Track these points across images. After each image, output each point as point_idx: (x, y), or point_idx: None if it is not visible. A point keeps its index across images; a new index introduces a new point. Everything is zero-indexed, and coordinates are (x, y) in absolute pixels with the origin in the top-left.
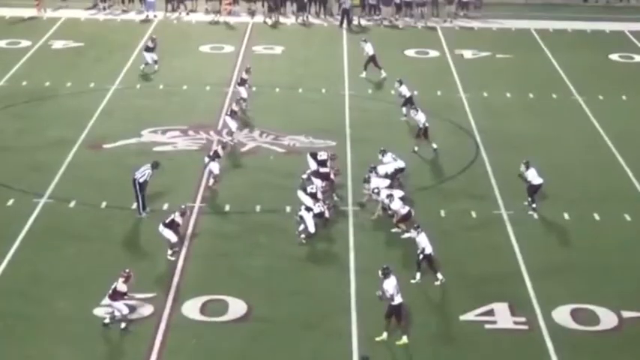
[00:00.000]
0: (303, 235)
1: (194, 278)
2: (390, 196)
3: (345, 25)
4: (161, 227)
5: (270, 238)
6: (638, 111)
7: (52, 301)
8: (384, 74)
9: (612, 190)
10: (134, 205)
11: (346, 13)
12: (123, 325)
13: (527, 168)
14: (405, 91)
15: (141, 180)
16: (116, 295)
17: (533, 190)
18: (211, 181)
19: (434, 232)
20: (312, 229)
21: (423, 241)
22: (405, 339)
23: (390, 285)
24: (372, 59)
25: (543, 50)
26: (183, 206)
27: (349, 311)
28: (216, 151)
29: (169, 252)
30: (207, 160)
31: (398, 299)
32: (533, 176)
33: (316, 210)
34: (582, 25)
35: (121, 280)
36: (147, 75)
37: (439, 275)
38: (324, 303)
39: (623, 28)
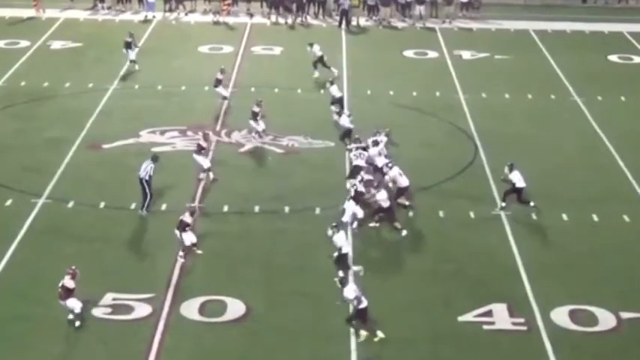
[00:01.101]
0: (354, 225)
1: (193, 279)
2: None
3: (343, 25)
4: (176, 231)
5: (269, 239)
6: (637, 112)
7: (50, 301)
8: (335, 72)
9: (611, 191)
10: (132, 206)
11: (345, 14)
12: (77, 323)
13: (511, 170)
14: (335, 91)
15: (147, 177)
16: (66, 294)
17: (515, 191)
18: (202, 175)
19: (432, 232)
20: (360, 214)
21: (340, 241)
22: (364, 334)
23: (350, 291)
24: (320, 60)
25: (542, 51)
26: (192, 205)
27: (348, 312)
28: (199, 144)
29: (181, 253)
30: (194, 155)
31: (364, 303)
32: (518, 179)
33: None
34: (581, 26)
35: (67, 277)
36: (129, 74)
37: (341, 274)
38: (322, 304)
39: (621, 29)
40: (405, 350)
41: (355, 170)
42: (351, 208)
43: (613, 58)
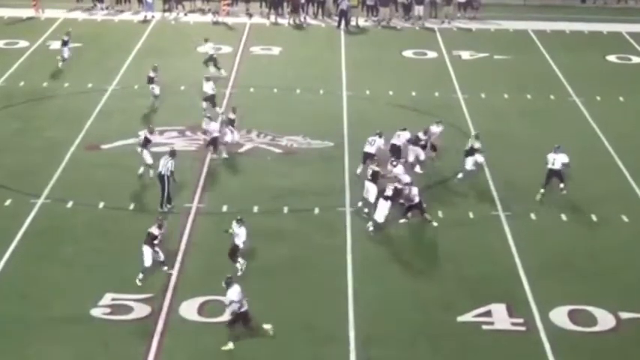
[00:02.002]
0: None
1: (191, 279)
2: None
3: (342, 26)
4: (144, 246)
5: (268, 239)
6: (636, 112)
7: (49, 301)
8: (224, 74)
9: (610, 191)
10: (131, 206)
11: (344, 14)
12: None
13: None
14: (208, 89)
15: (168, 173)
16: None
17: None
18: (141, 169)
19: (432, 232)
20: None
21: (242, 234)
22: (230, 345)
23: (234, 293)
24: (211, 58)
25: (541, 51)
26: (159, 217)
27: (346, 313)
28: (146, 138)
29: (164, 268)
30: (139, 149)
31: (245, 306)
32: (558, 161)
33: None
34: (580, 26)
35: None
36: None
37: (238, 266)
38: (321, 304)
39: (620, 29)
40: (404, 350)
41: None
42: (385, 207)
43: (612, 58)
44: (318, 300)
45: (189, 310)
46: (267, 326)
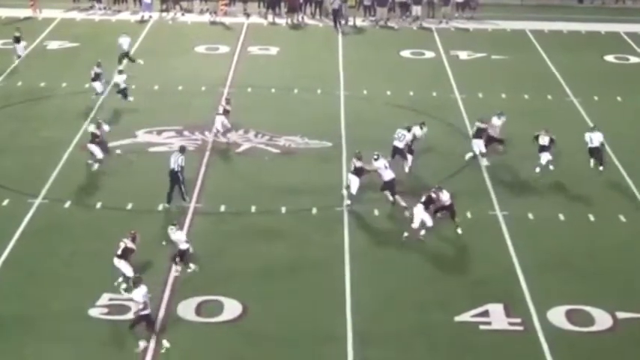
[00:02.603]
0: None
1: (189, 279)
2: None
3: (339, 26)
4: (115, 260)
5: (266, 239)
6: (633, 112)
7: (47, 301)
8: (141, 62)
9: (607, 191)
10: (129, 206)
11: (336, 14)
12: (123, 286)
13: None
14: (120, 80)
15: (179, 168)
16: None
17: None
18: (91, 161)
19: (429, 232)
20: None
21: (178, 237)
22: (142, 345)
23: (138, 294)
24: (126, 55)
25: (539, 51)
26: (132, 231)
27: (344, 313)
28: (93, 134)
29: (124, 286)
30: (88, 145)
31: (148, 309)
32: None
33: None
34: (577, 26)
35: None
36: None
37: (192, 265)
38: (319, 304)
39: (618, 29)
40: (401, 350)
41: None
42: (420, 215)
43: (609, 58)
44: (316, 299)
45: (186, 310)
46: (166, 344)
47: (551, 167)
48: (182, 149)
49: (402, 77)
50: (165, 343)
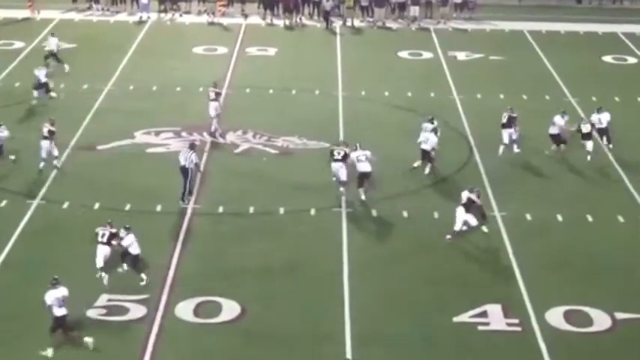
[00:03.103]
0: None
1: (187, 280)
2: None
3: (339, 26)
4: (104, 247)
5: (264, 240)
6: (631, 112)
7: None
8: (66, 68)
9: (605, 192)
10: (127, 207)
11: (327, 15)
12: None
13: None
14: (41, 75)
15: (191, 165)
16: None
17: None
18: (54, 161)
19: (427, 233)
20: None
21: (129, 240)
22: (50, 351)
23: (49, 296)
24: (52, 54)
25: (536, 52)
26: (109, 220)
27: (342, 313)
28: (49, 130)
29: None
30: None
31: (62, 311)
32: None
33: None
34: (575, 26)
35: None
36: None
37: (143, 276)
38: (317, 305)
39: (616, 29)
40: (400, 351)
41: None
42: (462, 216)
43: (607, 58)
44: (314, 300)
45: (185, 311)
46: (88, 339)
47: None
48: (192, 145)
49: (400, 78)
50: (88, 341)
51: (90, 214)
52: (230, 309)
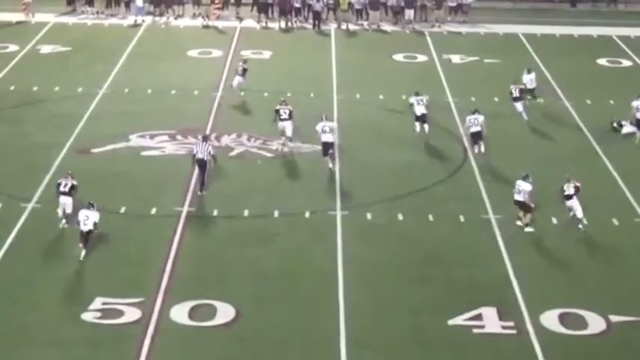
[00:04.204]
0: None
1: (182, 283)
2: None
3: (337, 27)
4: (63, 198)
5: (259, 243)
6: (626, 116)
7: (39, 305)
8: None
9: (600, 195)
10: (122, 210)
11: (318, 16)
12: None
13: None
14: None
15: (208, 157)
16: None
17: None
18: None
19: (422, 236)
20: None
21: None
22: (82, 254)
23: (82, 214)
24: None
25: (531, 55)
26: (68, 171)
27: (337, 317)
28: (72, 185)
29: (64, 221)
30: None
31: (86, 227)
32: None
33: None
34: (570, 29)
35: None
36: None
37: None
38: (312, 308)
39: (610, 32)
40: (394, 354)
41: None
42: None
43: (602, 61)
44: (309, 303)
45: (180, 314)
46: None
47: None
48: (205, 138)
49: (395, 81)
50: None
51: None
52: (225, 312)
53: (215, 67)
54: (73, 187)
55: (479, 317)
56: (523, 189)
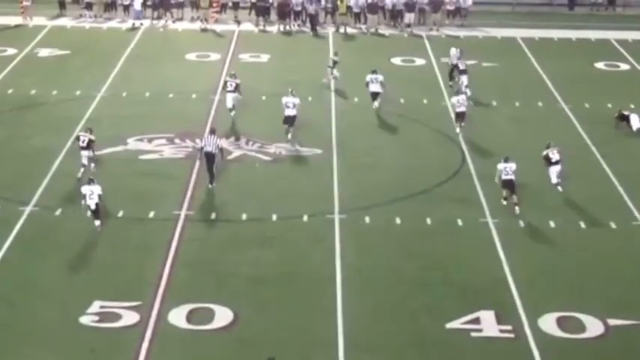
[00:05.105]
0: None
1: (180, 286)
2: None
3: (336, 30)
4: (83, 152)
5: (257, 246)
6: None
7: (37, 309)
8: None
9: (598, 198)
10: (120, 214)
11: (312, 19)
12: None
13: None
14: None
15: (216, 150)
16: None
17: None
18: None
19: (420, 239)
20: None
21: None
22: (97, 223)
23: (86, 189)
24: None
25: (529, 58)
26: (87, 127)
27: (335, 320)
28: (90, 140)
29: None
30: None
31: (92, 203)
32: None
33: None
34: (568, 33)
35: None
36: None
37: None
38: (310, 311)
39: (608, 36)
40: (392, 357)
41: None
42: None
43: (600, 65)
44: (307, 307)
45: (177, 317)
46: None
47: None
48: (213, 131)
49: (393, 84)
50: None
51: (83, 221)
52: (223, 316)
53: (213, 70)
54: (90, 141)
55: (477, 321)
56: (511, 168)
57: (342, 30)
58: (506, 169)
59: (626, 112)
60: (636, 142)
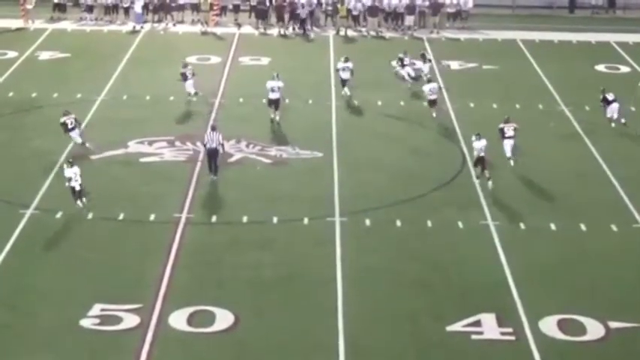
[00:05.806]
0: None
1: (181, 289)
2: None
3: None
4: (72, 133)
5: (257, 249)
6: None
7: (38, 311)
8: None
9: (598, 200)
10: (120, 216)
11: (303, 22)
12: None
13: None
14: None
15: (218, 146)
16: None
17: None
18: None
19: (420, 242)
20: None
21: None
22: (79, 203)
23: (69, 172)
24: None
25: (530, 61)
26: (66, 110)
27: (336, 322)
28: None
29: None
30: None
31: (76, 185)
32: None
33: None
34: (568, 36)
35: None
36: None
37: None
38: (311, 314)
39: (608, 38)
40: None
41: None
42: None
43: (600, 67)
44: (307, 309)
45: (178, 320)
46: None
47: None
48: (214, 127)
49: (393, 87)
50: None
51: (83, 224)
52: (223, 318)
53: (214, 73)
54: (76, 120)
55: (477, 323)
56: (483, 146)
57: (342, 33)
58: (481, 148)
59: (610, 97)
60: (637, 144)
